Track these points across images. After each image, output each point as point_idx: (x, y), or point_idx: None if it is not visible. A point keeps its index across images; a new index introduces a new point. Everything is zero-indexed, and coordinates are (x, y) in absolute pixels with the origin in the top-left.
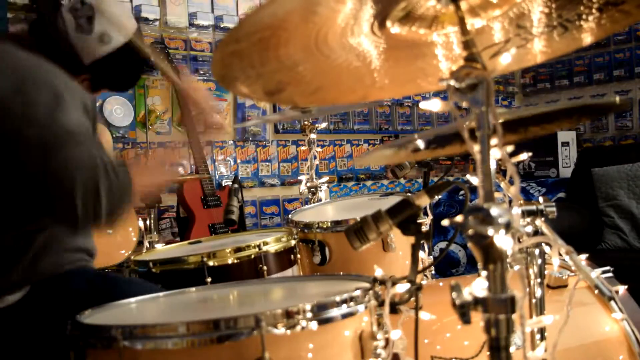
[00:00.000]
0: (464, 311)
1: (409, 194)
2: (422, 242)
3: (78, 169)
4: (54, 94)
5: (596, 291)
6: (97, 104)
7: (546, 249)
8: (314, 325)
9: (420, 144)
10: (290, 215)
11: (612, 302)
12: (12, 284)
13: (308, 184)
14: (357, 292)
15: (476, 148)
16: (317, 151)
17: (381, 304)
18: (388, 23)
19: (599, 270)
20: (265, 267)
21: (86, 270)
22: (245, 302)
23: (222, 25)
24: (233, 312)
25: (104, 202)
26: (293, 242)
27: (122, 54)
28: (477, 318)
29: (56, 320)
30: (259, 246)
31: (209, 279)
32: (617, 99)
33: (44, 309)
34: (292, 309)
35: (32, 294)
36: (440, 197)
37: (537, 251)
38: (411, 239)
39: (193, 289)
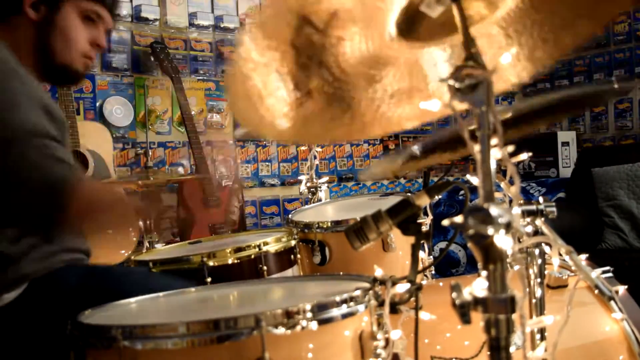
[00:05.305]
0: (464, 311)
1: (409, 194)
2: (422, 242)
3: (31, 170)
4: (9, 94)
5: (596, 291)
6: (97, 104)
7: (546, 249)
8: (314, 325)
9: (416, 150)
10: (290, 215)
11: (612, 302)
12: (8, 283)
13: (308, 184)
14: (357, 292)
15: (476, 148)
16: (317, 151)
17: (381, 304)
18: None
19: (599, 270)
20: (265, 267)
21: (84, 265)
22: (245, 302)
23: (222, 25)
24: (233, 312)
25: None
26: (293, 242)
27: None
28: (477, 318)
29: (55, 317)
30: (259, 246)
31: (209, 279)
32: (615, 84)
33: (43, 305)
34: (292, 309)
35: (30, 291)
36: (440, 197)
37: (537, 251)
38: (411, 239)
39: (193, 289)
